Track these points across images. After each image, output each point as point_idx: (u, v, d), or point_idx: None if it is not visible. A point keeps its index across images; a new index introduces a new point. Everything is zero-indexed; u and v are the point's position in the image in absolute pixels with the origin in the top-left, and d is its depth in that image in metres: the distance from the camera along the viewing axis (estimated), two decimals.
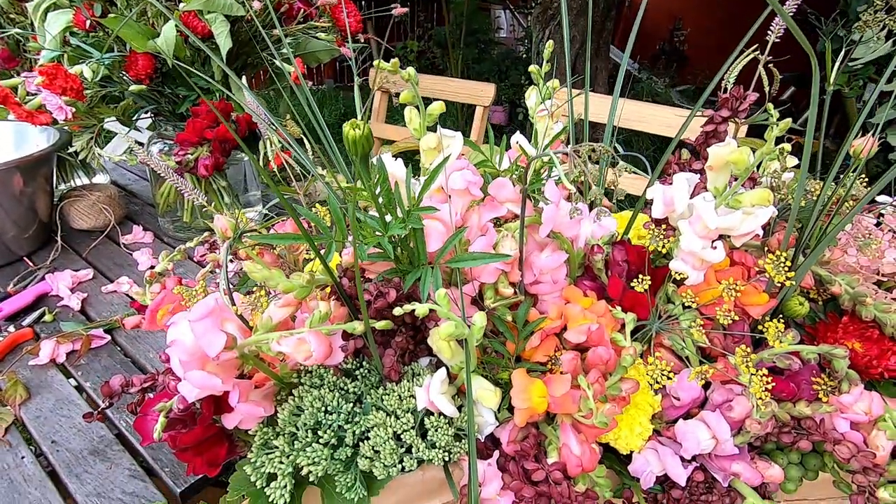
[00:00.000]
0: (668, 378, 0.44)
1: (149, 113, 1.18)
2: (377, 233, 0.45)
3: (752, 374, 0.43)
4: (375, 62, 0.52)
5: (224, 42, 1.01)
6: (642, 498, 0.52)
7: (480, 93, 1.63)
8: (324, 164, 0.60)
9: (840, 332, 0.51)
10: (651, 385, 0.51)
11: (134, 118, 1.17)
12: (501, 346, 0.53)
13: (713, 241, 0.50)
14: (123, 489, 0.69)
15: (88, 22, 1.00)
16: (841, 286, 0.52)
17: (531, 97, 0.64)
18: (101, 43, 1.05)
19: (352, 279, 0.46)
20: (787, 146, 0.65)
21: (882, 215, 0.59)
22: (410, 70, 0.46)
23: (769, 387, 0.44)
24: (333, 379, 0.48)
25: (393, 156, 0.53)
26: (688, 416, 0.51)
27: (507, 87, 4.39)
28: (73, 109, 1.01)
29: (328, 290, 0.47)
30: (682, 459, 0.49)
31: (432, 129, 0.52)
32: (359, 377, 0.49)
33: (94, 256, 1.22)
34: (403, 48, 4.77)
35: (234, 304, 0.48)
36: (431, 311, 0.43)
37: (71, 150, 1.15)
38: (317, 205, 0.51)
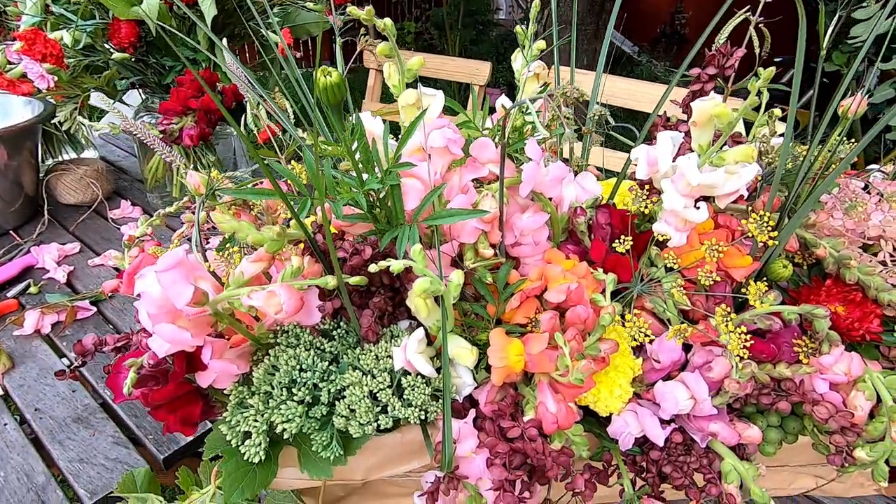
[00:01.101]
0: (646, 335, 0.43)
1: (134, 84, 1.16)
2: (353, 189, 0.44)
3: (730, 332, 0.43)
4: (360, 34, 0.51)
5: (209, 9, 0.99)
6: (621, 460, 0.52)
7: (476, 71, 1.60)
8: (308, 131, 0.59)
9: (823, 294, 0.51)
10: (630, 344, 0.51)
11: (120, 90, 1.15)
12: (482, 309, 0.52)
13: (696, 202, 0.49)
14: (106, 455, 0.69)
15: None
16: (825, 249, 0.51)
17: (517, 59, 0.62)
18: (83, 10, 1.02)
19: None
20: (777, 111, 0.64)
21: (870, 184, 0.59)
22: (387, 20, 0.44)
23: (747, 345, 0.44)
24: (310, 339, 0.47)
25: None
26: (668, 378, 0.51)
27: (506, 68, 4.33)
28: (56, 78, 0.99)
29: (301, 245, 0.46)
30: (662, 421, 0.49)
31: (412, 86, 0.51)
32: (336, 337, 0.49)
33: (81, 231, 1.20)
34: (401, 29, 4.71)
35: (206, 260, 0.47)
36: (409, 271, 0.42)
37: (55, 120, 1.13)
38: (293, 162, 0.50)
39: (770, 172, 0.59)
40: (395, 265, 0.42)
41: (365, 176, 0.46)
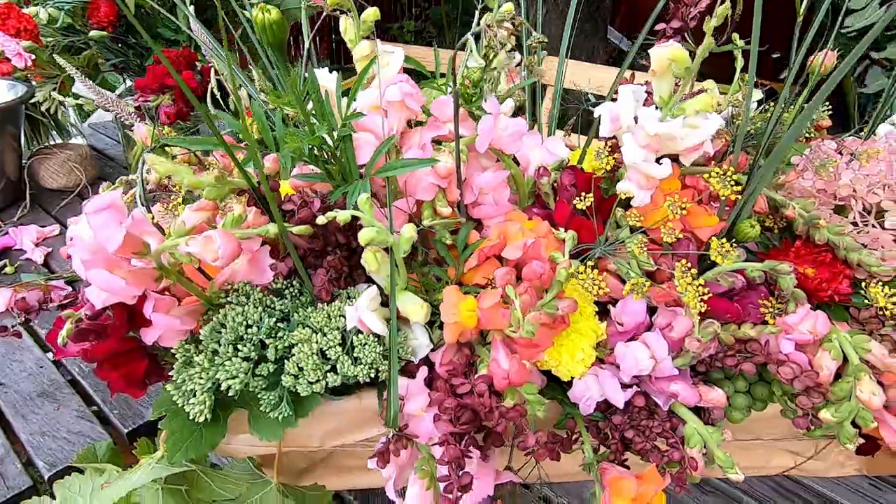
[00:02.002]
0: (600, 288, 0.42)
1: (117, 66, 1.15)
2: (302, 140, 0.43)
3: (687, 285, 0.41)
4: None
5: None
6: (584, 427, 0.50)
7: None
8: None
9: (791, 256, 0.49)
10: (593, 307, 0.50)
11: (102, 72, 1.14)
12: (442, 271, 0.51)
13: (660, 158, 0.47)
14: (69, 429, 0.68)
15: None
16: (794, 209, 0.49)
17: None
18: None
19: (275, 189, 0.44)
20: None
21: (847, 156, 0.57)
22: None
23: (704, 297, 0.42)
24: (260, 296, 0.46)
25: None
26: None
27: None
28: (34, 57, 0.99)
29: (246, 197, 0.45)
30: (624, 385, 0.48)
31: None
32: (288, 296, 0.47)
33: (64, 215, 1.20)
34: (400, 28, 4.70)
35: (150, 212, 0.46)
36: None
37: (36, 100, 1.12)
38: (244, 115, 0.49)
39: (742, 137, 0.58)
40: (342, 215, 0.41)
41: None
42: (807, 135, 0.54)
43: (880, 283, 0.44)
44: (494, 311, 0.42)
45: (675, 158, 0.51)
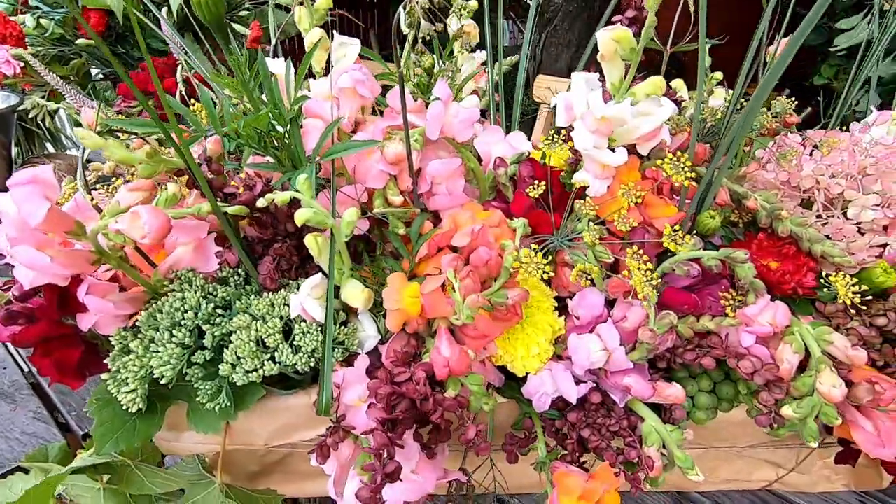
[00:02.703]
0: (544, 270, 0.40)
1: (106, 76, 1.17)
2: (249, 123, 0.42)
3: (636, 269, 0.40)
4: None
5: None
6: (540, 425, 0.48)
7: None
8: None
9: (754, 248, 0.47)
10: (531, 275, 0.48)
11: (91, 81, 1.16)
12: (395, 263, 0.49)
13: (616, 148, 0.46)
14: (24, 430, 0.66)
15: None
16: (756, 201, 0.48)
17: (453, 22, 0.61)
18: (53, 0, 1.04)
19: (218, 172, 0.43)
20: (719, 75, 0.62)
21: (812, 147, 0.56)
22: None
23: (654, 281, 0.40)
24: (202, 283, 0.45)
25: None
26: None
27: (507, 91, 4.38)
28: (22, 64, 1.00)
29: (185, 178, 0.44)
30: (580, 381, 0.46)
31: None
32: (232, 284, 0.46)
33: None
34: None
35: (91, 196, 0.45)
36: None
37: (24, 107, 1.13)
38: (192, 101, 0.48)
39: (708, 132, 0.57)
40: (280, 197, 0.40)
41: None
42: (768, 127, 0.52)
43: (843, 274, 0.42)
44: (437, 298, 0.40)
45: (634, 151, 0.50)
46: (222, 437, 0.49)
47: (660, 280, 0.44)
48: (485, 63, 0.62)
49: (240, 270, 0.47)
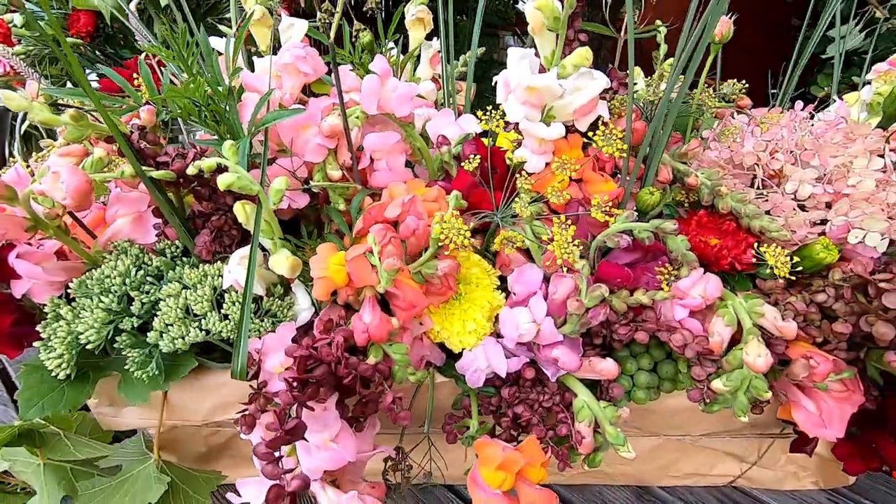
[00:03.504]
0: (465, 238, 0.40)
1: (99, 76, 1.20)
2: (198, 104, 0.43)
3: (558, 234, 0.39)
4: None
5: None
6: (476, 403, 0.47)
7: None
8: None
9: (693, 225, 0.47)
10: (486, 267, 0.48)
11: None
12: (339, 241, 0.49)
13: (553, 123, 0.46)
14: None
15: None
16: (697, 178, 0.47)
17: (409, 9, 0.62)
18: (45, 2, 1.07)
19: (154, 142, 0.43)
20: (669, 63, 0.62)
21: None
22: None
23: (572, 249, 0.40)
24: (137, 252, 0.45)
25: None
26: None
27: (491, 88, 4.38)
28: (11, 63, 1.03)
29: (117, 146, 0.44)
30: (513, 356, 0.45)
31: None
32: (168, 255, 0.46)
33: None
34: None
35: (27, 165, 0.46)
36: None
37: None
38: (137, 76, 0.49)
39: (630, 104, 0.57)
40: (207, 163, 0.40)
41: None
42: (716, 108, 0.52)
43: (775, 246, 0.41)
44: (361, 265, 0.40)
45: (574, 129, 0.50)
46: (159, 411, 0.49)
47: (594, 253, 0.44)
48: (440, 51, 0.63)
49: (177, 243, 0.47)
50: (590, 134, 0.44)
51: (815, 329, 0.43)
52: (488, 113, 0.46)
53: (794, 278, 0.43)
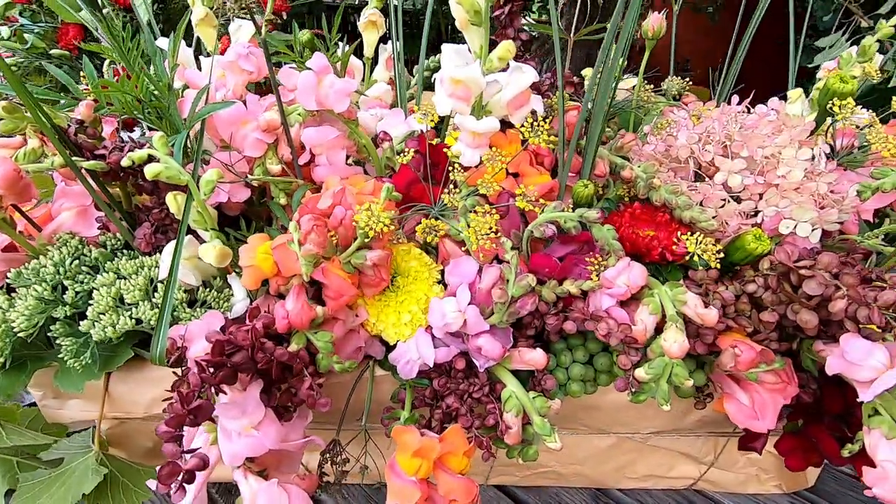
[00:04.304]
0: (384, 224, 0.40)
1: None
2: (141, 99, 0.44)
3: (476, 220, 0.40)
4: None
5: (144, 12, 1.06)
6: (412, 395, 0.47)
7: None
8: None
9: (627, 217, 0.47)
10: (425, 261, 0.48)
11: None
12: (279, 233, 0.50)
13: (488, 117, 0.47)
14: None
15: None
16: (632, 171, 0.48)
17: (363, 12, 0.64)
18: (36, 16, 1.11)
19: (93, 136, 0.45)
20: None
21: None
22: None
23: (488, 235, 0.40)
24: (77, 244, 0.46)
25: None
26: None
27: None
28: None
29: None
30: (444, 346, 0.45)
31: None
32: (108, 247, 0.47)
33: None
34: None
35: None
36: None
37: None
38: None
39: (562, 100, 0.57)
40: (137, 154, 0.41)
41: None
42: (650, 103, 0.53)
43: (698, 235, 0.41)
44: (286, 253, 0.41)
45: (510, 125, 0.51)
46: (100, 403, 0.50)
47: (527, 244, 0.44)
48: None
49: (118, 235, 0.48)
50: (518, 125, 0.45)
51: (746, 319, 0.43)
52: (427, 113, 0.47)
53: (736, 269, 0.43)
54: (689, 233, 0.45)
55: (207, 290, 0.46)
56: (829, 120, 0.48)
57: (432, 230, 0.43)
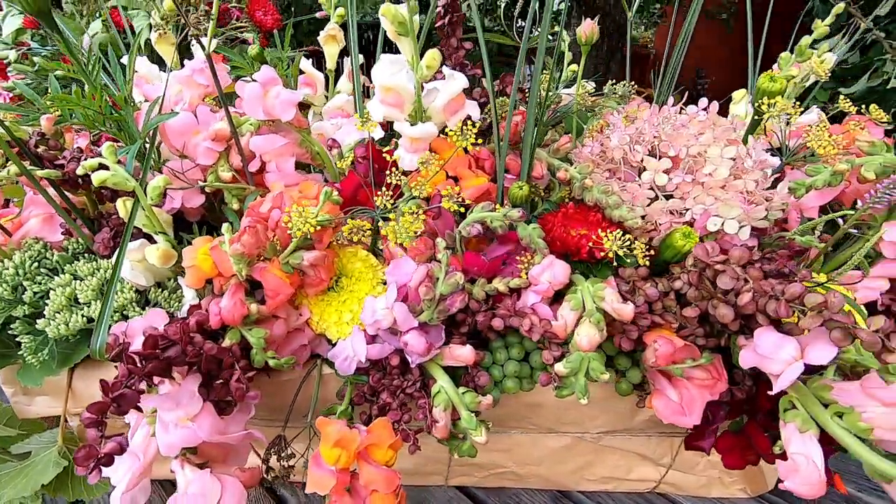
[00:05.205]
0: (310, 224, 0.42)
1: None
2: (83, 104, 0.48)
3: (401, 220, 0.41)
4: None
5: (142, 34, 1.12)
6: (352, 391, 0.49)
7: None
8: None
9: (560, 217, 0.48)
10: (370, 263, 0.50)
11: None
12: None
13: (428, 123, 0.49)
14: None
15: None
16: (567, 172, 0.49)
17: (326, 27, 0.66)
18: (44, 40, 1.18)
19: (55, 148, 0.48)
20: (574, 67, 0.64)
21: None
22: None
23: (417, 231, 0.42)
24: (40, 248, 0.49)
25: None
26: None
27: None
28: (10, 94, 1.13)
29: (16, 150, 0.49)
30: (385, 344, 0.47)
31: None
32: (69, 251, 0.50)
33: None
34: None
35: None
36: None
37: None
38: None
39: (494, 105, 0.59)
40: (89, 163, 0.44)
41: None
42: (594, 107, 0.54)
43: (618, 232, 0.42)
44: (222, 254, 0.43)
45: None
46: (63, 400, 0.52)
47: (460, 243, 0.46)
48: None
49: (80, 240, 0.51)
50: (447, 130, 0.46)
51: (672, 316, 0.43)
52: (364, 116, 0.49)
53: (679, 267, 0.43)
54: (617, 231, 0.46)
55: (158, 291, 0.48)
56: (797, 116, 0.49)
57: (358, 231, 0.44)
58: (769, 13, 0.72)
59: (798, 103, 0.58)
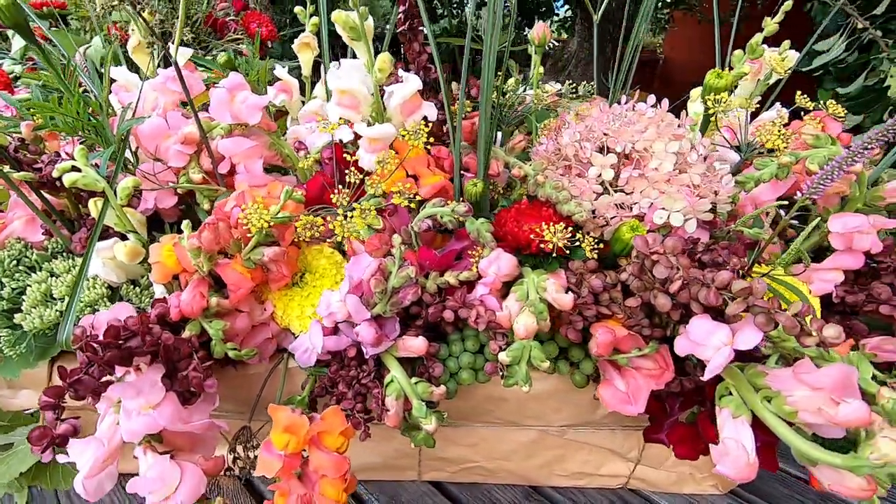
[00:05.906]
0: (264, 220, 0.44)
1: None
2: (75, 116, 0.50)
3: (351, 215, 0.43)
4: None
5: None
6: (313, 383, 0.50)
7: None
8: None
9: (514, 212, 0.49)
10: (333, 259, 0.52)
11: None
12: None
13: (386, 123, 0.51)
14: None
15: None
16: (521, 169, 0.50)
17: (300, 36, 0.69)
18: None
19: (36, 152, 0.51)
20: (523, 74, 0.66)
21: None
22: None
23: (362, 234, 0.43)
24: (21, 247, 0.52)
25: None
26: None
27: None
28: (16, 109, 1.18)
29: None
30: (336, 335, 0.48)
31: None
32: (49, 250, 0.53)
33: None
34: None
35: None
36: None
37: None
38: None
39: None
40: (62, 165, 0.47)
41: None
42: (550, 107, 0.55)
43: (560, 226, 0.44)
44: (183, 250, 0.45)
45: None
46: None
47: (415, 238, 0.47)
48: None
49: (59, 240, 0.54)
50: (402, 131, 0.48)
51: (618, 306, 0.44)
52: (325, 122, 0.51)
53: (626, 259, 0.44)
54: (560, 224, 0.47)
55: (130, 287, 0.51)
56: (747, 113, 0.50)
57: (312, 227, 0.46)
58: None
59: (758, 100, 0.58)
